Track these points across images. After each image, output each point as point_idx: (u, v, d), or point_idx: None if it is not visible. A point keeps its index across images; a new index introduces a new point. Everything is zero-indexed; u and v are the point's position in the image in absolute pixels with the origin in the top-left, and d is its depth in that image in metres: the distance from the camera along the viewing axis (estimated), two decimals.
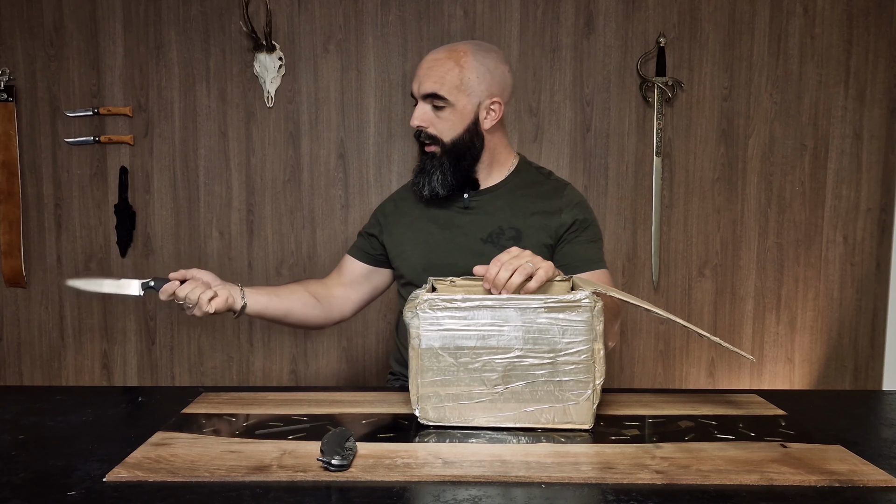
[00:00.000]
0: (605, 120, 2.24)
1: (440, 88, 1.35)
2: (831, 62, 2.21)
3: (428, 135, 1.38)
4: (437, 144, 1.38)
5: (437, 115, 1.37)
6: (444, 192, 1.40)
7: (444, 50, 1.38)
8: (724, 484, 0.82)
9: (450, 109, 1.36)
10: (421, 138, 1.39)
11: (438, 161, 1.39)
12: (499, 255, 1.09)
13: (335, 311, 1.50)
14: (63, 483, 0.83)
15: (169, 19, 2.24)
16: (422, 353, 1.00)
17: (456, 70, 1.35)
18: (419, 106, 1.38)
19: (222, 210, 2.29)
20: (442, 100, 1.35)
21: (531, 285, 1.05)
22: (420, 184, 1.41)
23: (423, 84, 1.36)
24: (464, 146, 1.38)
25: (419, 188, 1.41)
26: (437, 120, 1.37)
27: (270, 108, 2.25)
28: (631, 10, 2.21)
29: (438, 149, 1.38)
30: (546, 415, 0.99)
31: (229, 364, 2.33)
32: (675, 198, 2.25)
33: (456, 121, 1.37)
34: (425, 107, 1.37)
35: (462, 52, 1.37)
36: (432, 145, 1.39)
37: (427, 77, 1.36)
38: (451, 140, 1.38)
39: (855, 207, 2.25)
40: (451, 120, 1.37)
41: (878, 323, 2.28)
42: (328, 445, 0.88)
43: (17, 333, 2.34)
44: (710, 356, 2.30)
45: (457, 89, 1.35)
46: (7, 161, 2.25)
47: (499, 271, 1.05)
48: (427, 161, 1.40)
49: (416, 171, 1.43)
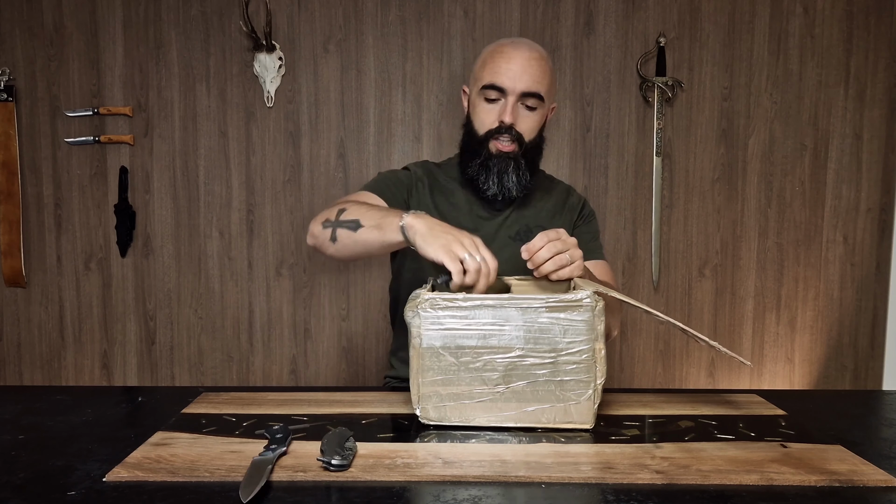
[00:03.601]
0: (605, 120, 2.24)
1: (541, 88, 1.32)
2: (831, 62, 2.21)
3: (516, 133, 1.34)
4: (518, 144, 1.34)
5: (527, 115, 1.34)
6: (519, 194, 1.37)
7: (535, 49, 1.34)
8: (724, 484, 0.82)
9: (540, 111, 1.35)
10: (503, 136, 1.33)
11: (515, 161, 1.35)
12: (547, 231, 1.10)
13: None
14: (63, 483, 0.83)
15: (169, 19, 2.24)
16: (423, 353, 1.00)
17: (549, 72, 1.34)
18: (512, 102, 1.32)
19: (222, 210, 2.29)
20: (539, 100, 1.33)
21: (552, 277, 1.09)
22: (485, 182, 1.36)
23: (521, 80, 1.31)
24: (536, 148, 1.38)
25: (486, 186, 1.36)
26: (524, 119, 1.34)
27: (270, 108, 2.25)
28: (631, 10, 2.21)
29: (519, 149, 1.35)
30: (547, 414, 0.99)
31: (229, 364, 2.33)
32: (675, 198, 2.25)
33: (538, 122, 1.36)
34: (517, 104, 1.33)
35: (547, 55, 1.36)
36: (513, 144, 1.34)
37: (528, 74, 1.31)
38: (530, 140, 1.36)
39: (855, 207, 2.25)
40: (537, 121, 1.36)
41: (878, 323, 2.28)
42: (328, 445, 0.88)
43: (17, 333, 2.34)
44: (710, 356, 2.30)
45: (548, 91, 1.35)
46: (7, 161, 2.25)
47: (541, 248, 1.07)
48: (500, 160, 1.34)
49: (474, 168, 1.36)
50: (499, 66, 1.32)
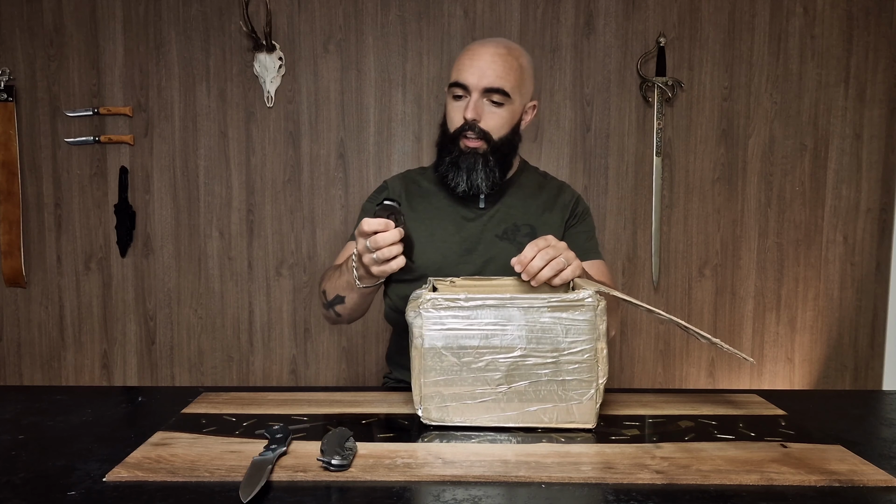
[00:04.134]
0: (605, 120, 2.24)
1: (505, 84, 1.31)
2: (831, 62, 2.21)
3: (481, 130, 1.33)
4: (484, 141, 1.33)
5: (492, 111, 1.33)
6: (486, 190, 1.36)
7: (502, 45, 1.34)
8: (724, 484, 0.82)
9: (507, 107, 1.33)
10: (469, 133, 1.33)
11: (483, 158, 1.34)
12: (535, 241, 1.09)
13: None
14: (63, 483, 0.83)
15: (169, 19, 2.24)
16: (424, 353, 0.99)
17: (517, 68, 1.33)
18: (475, 98, 1.31)
19: (222, 210, 2.29)
20: (504, 96, 1.31)
21: (554, 282, 1.08)
22: (454, 178, 1.35)
23: (485, 76, 1.30)
24: (509, 145, 1.36)
25: (454, 184, 1.36)
26: (490, 116, 1.33)
27: (270, 108, 2.25)
28: (631, 10, 2.21)
29: (485, 145, 1.34)
30: (549, 414, 0.99)
31: (229, 364, 2.33)
32: (675, 198, 2.25)
33: (508, 119, 1.34)
34: (482, 100, 1.32)
35: (518, 52, 1.35)
36: (478, 140, 1.33)
37: (491, 70, 1.30)
38: (499, 138, 1.34)
39: (855, 207, 2.25)
40: (505, 118, 1.34)
41: (878, 323, 2.28)
42: (328, 445, 0.88)
43: (17, 333, 2.34)
44: (710, 356, 2.30)
45: (517, 88, 1.33)
46: (7, 161, 2.25)
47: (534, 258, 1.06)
48: (468, 157, 1.34)
49: (445, 166, 1.37)
50: (464, 63, 1.33)
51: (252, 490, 0.76)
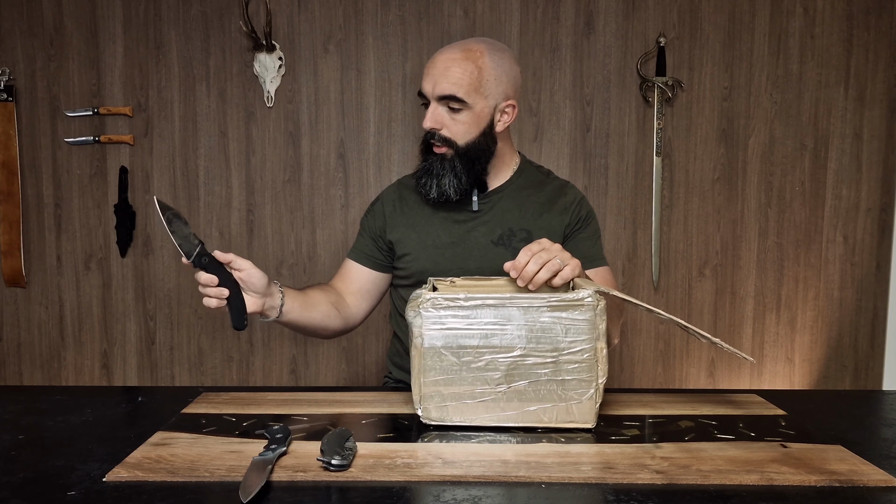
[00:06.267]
0: (605, 120, 2.24)
1: (458, 90, 1.28)
2: (831, 62, 2.21)
3: (442, 137, 1.31)
4: (449, 147, 1.32)
5: (453, 118, 1.30)
6: (455, 196, 1.34)
7: (459, 49, 1.30)
8: (724, 484, 0.82)
9: (467, 112, 1.30)
10: (434, 140, 1.32)
11: (450, 164, 1.32)
12: (529, 245, 1.08)
13: (350, 322, 1.43)
14: (63, 483, 0.83)
15: (169, 19, 2.24)
16: (424, 353, 1.00)
17: (474, 71, 1.28)
18: (433, 107, 1.31)
19: (222, 210, 2.29)
20: (460, 102, 1.28)
21: (555, 282, 1.07)
22: (427, 185, 1.34)
23: (438, 85, 1.28)
24: (478, 149, 1.33)
25: (426, 190, 1.35)
26: (451, 122, 1.31)
27: (270, 107, 2.25)
28: (631, 10, 2.21)
29: (451, 151, 1.32)
30: (549, 414, 0.99)
31: (229, 364, 2.33)
32: (675, 198, 2.25)
33: (472, 123, 1.31)
34: (439, 108, 1.30)
35: (479, 52, 1.29)
36: (443, 147, 1.32)
37: (444, 78, 1.28)
38: (466, 143, 1.31)
39: (855, 207, 2.25)
40: (467, 123, 1.31)
41: (878, 323, 2.28)
42: (328, 445, 0.88)
43: (17, 333, 2.34)
44: (710, 356, 2.30)
45: (475, 91, 1.29)
46: (7, 161, 2.25)
47: (527, 263, 1.05)
48: (436, 163, 1.33)
49: (420, 171, 1.36)
50: (425, 71, 1.32)
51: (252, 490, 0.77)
